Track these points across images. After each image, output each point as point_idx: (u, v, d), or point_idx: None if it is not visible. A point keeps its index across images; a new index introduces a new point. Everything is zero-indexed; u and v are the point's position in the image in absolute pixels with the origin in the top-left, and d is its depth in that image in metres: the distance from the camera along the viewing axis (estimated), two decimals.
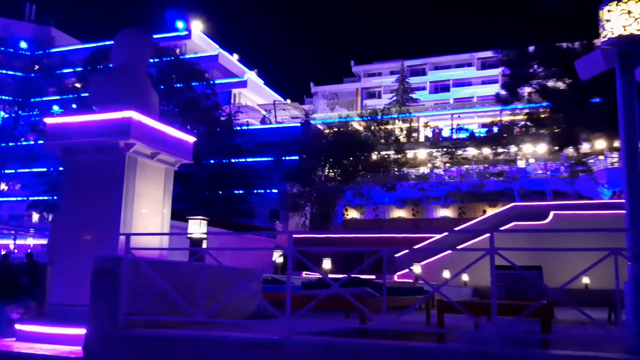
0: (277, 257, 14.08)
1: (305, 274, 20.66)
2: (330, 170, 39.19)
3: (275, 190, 38.00)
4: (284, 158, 37.06)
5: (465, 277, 23.25)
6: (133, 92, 7.58)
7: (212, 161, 33.56)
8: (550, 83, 12.16)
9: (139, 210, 7.43)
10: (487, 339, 4.29)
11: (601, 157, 33.59)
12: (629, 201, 4.45)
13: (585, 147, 29.01)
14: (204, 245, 7.87)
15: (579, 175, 36.07)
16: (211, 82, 36.62)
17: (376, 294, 5.97)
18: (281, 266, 22.88)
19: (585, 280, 21.82)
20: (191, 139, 8.06)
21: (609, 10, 4.63)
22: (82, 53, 40.40)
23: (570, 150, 30.22)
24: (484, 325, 5.25)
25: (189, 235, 7.68)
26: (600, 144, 26.59)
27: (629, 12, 4.54)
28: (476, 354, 4.16)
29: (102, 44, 36.96)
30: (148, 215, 7.66)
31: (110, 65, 8.52)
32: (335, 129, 42.37)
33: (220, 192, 33.61)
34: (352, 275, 6.81)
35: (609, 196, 29.57)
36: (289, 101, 57.81)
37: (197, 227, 7.58)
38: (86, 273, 5.74)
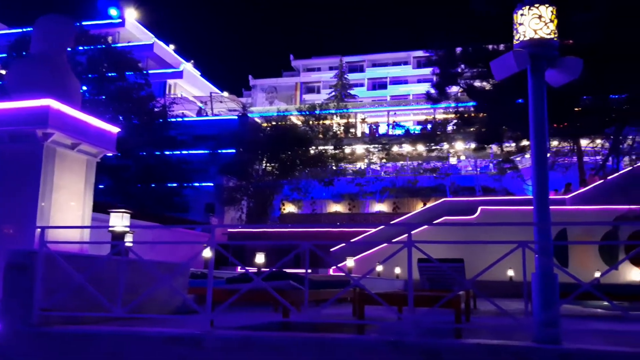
0: (204, 251, 13.84)
1: (240, 268, 20.53)
2: (268, 164, 39.04)
3: (210, 184, 37.50)
4: (220, 151, 36.58)
5: (397, 270, 23.78)
6: (53, 80, 7.27)
7: (145, 153, 32.71)
8: (477, 83, 12.64)
9: (58, 203, 7.15)
10: (405, 330, 4.40)
11: (527, 156, 35.26)
12: (536, 197, 4.68)
13: (512, 145, 30.34)
14: (128, 239, 7.66)
15: (506, 172, 37.79)
16: (145, 72, 35.58)
17: (300, 287, 6.01)
18: (215, 260, 22.59)
19: (510, 272, 22.80)
20: (115, 130, 7.83)
21: (521, 14, 4.84)
22: (8, 38, 38.31)
23: (498, 148, 31.59)
24: (406, 316, 5.40)
25: (110, 229, 7.46)
26: (525, 142, 27.92)
27: (540, 16, 4.77)
28: (393, 344, 4.27)
29: (28, 29, 35.18)
30: (68, 208, 7.38)
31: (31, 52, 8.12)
32: (274, 123, 42.25)
33: (153, 185, 32.82)
34: (282, 270, 6.83)
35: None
36: (226, 93, 57.06)
37: (119, 220, 7.37)
38: (1, 268, 5.50)
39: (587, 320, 8.96)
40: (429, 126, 46.80)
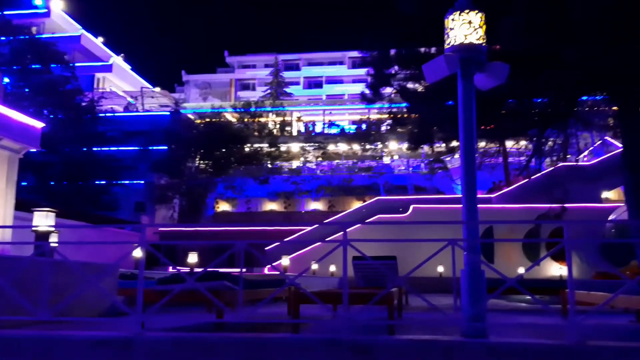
0: (135, 251, 13.46)
1: (172, 269, 20.10)
2: (201, 162, 38.38)
3: (141, 182, 36.43)
4: (151, 148, 35.59)
5: (332, 268, 24.02)
6: None
7: (71, 149, 31.39)
8: (409, 85, 12.96)
9: None
10: (339, 328, 4.44)
11: (456, 156, 36.56)
12: (465, 196, 4.85)
13: (443, 146, 31.37)
14: (53, 239, 7.32)
15: (437, 172, 39.09)
16: (72, 64, 34.13)
17: (235, 287, 5.95)
18: (146, 261, 21.93)
19: (440, 269, 23.53)
20: (39, 125, 7.44)
21: (452, 20, 4.99)
22: None
23: (429, 149, 32.56)
24: (340, 314, 5.46)
25: (33, 229, 7.10)
26: (454, 143, 28.98)
27: (470, 22, 4.93)
28: (327, 342, 4.29)
29: None
30: None
31: None
32: (208, 120, 41.60)
33: (81, 183, 31.52)
34: (216, 269, 6.73)
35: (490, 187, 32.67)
36: (158, 89, 55.56)
37: (43, 220, 7.02)
38: None
39: (512, 314, 9.40)
40: (364, 126, 47.57)
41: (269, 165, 42.63)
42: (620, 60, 9.71)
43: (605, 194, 28.62)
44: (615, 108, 13.21)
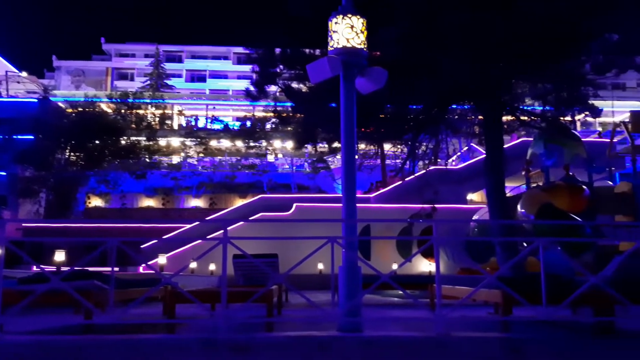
0: None
1: (36, 267, 18.64)
2: (72, 154, 35.96)
3: (3, 173, 33.35)
4: (15, 137, 32.71)
5: (212, 266, 23.61)
6: None
7: None
8: (294, 84, 13.07)
9: None
10: (217, 327, 4.38)
11: (338, 157, 37.66)
12: (345, 196, 5.00)
13: (325, 146, 32.11)
14: None
15: (320, 172, 39.99)
16: None
17: (106, 286, 5.64)
18: (6, 259, 20.12)
19: (320, 266, 24.03)
20: None
21: (336, 23, 5.12)
22: None
23: (312, 148, 33.20)
24: (219, 313, 5.38)
25: None
26: (337, 144, 29.82)
27: (352, 26, 5.09)
28: (204, 341, 4.22)
29: None
30: None
31: None
32: (80, 109, 39.04)
33: None
34: (86, 268, 6.34)
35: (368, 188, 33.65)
36: (24, 74, 51.20)
37: None
38: None
39: (386, 308, 9.84)
40: (249, 123, 47.32)
41: (147, 160, 40.94)
42: (483, 73, 10.56)
43: (470, 196, 30.90)
44: (480, 117, 14.29)
